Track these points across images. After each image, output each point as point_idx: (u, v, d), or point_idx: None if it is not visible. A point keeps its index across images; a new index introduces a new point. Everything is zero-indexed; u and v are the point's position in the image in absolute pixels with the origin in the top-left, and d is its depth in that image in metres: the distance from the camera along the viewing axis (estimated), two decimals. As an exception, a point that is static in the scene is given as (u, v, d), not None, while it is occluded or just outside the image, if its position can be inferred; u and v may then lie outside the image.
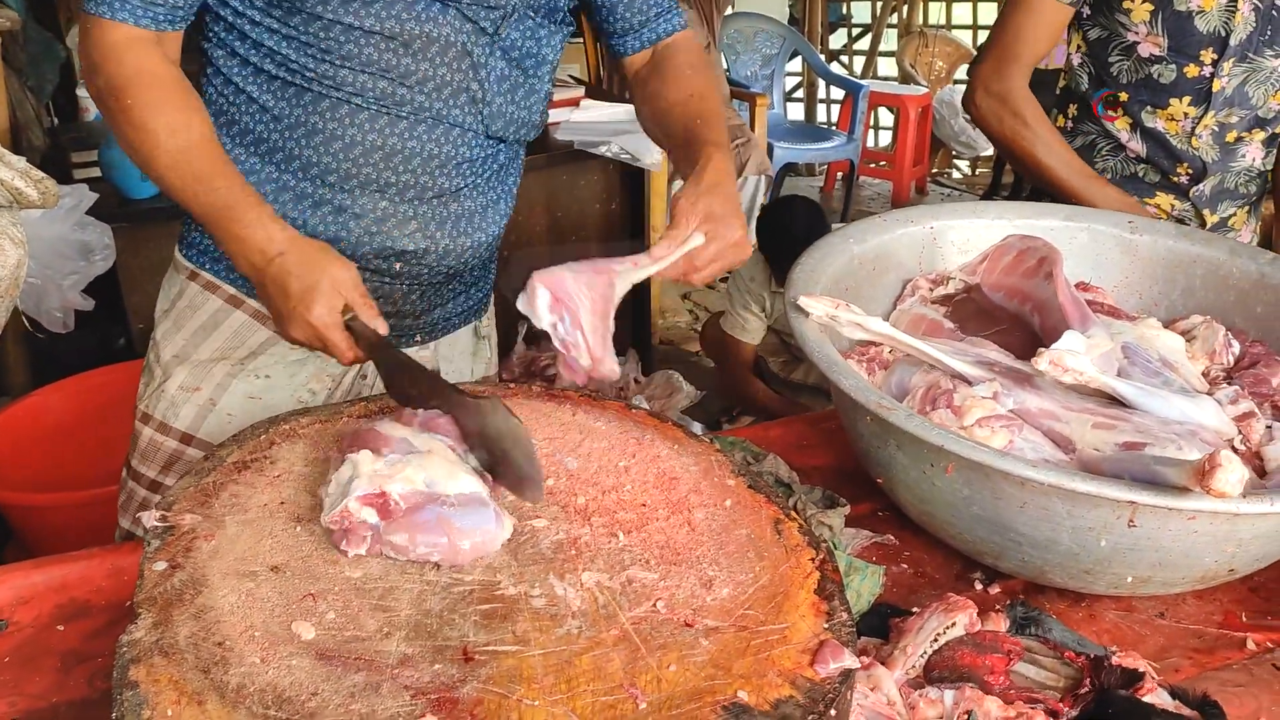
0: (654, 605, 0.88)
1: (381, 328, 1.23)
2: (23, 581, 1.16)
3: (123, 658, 0.79)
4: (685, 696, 0.78)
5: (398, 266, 1.45)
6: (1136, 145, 1.88)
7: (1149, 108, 1.84)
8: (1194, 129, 1.84)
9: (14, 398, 2.95)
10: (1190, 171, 1.88)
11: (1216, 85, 1.79)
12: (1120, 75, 1.84)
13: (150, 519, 0.96)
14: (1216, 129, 1.84)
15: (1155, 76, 1.80)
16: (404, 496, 0.94)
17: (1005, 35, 1.85)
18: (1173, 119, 1.83)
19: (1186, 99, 1.81)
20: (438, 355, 1.63)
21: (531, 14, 1.41)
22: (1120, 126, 1.89)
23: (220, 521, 0.96)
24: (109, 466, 2.81)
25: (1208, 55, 1.77)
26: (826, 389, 3.47)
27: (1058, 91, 2.00)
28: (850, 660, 0.82)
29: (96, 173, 2.99)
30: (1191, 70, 1.78)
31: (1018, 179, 6.81)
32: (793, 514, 1.02)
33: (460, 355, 1.69)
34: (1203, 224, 1.92)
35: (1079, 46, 1.89)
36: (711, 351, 3.98)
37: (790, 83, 7.61)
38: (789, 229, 3.50)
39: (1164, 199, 1.92)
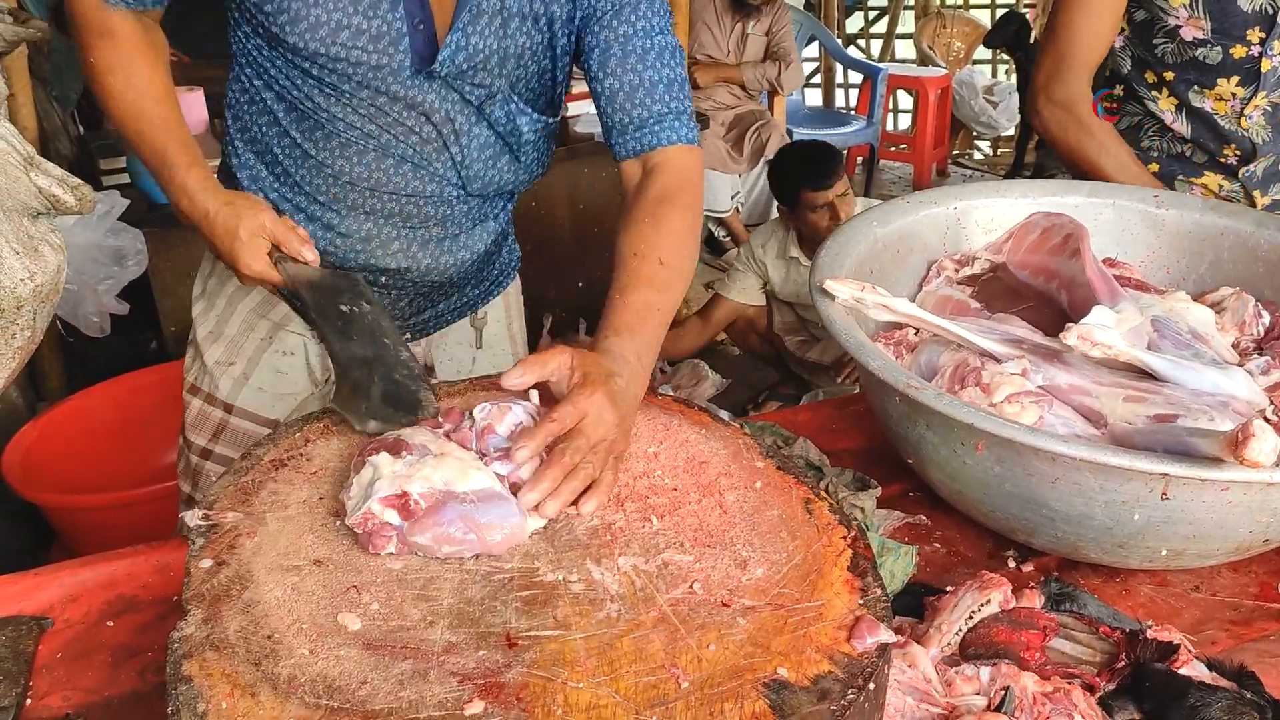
0: (691, 587, 0.89)
1: (311, 254, 1.29)
2: (71, 579, 1.19)
3: (175, 653, 0.81)
4: (726, 674, 0.79)
5: (384, 279, 1.50)
6: (1181, 126, 1.83)
7: (1196, 88, 1.79)
8: (1243, 109, 1.79)
9: (52, 402, 3.00)
10: (1239, 153, 1.83)
11: (1266, 65, 1.74)
12: (1165, 57, 1.78)
13: (193, 518, 0.98)
14: (1269, 109, 1.79)
15: (1201, 58, 1.75)
16: (423, 495, 0.95)
17: (1061, 37, 1.78)
18: (1221, 99, 1.78)
19: (1235, 79, 1.76)
20: (431, 352, 1.66)
21: (516, 98, 1.40)
22: (1165, 107, 1.83)
23: (261, 519, 0.98)
24: (147, 468, 2.87)
25: (1255, 35, 1.72)
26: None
27: (1106, 73, 1.95)
28: (886, 635, 0.83)
29: (125, 179, 3.04)
30: (1239, 51, 1.73)
31: (1040, 158, 6.77)
32: (823, 494, 1.03)
33: (455, 345, 1.70)
34: (1253, 206, 1.86)
35: (1122, 29, 1.84)
36: (731, 332, 3.97)
37: (808, 68, 7.57)
38: (808, 150, 3.57)
39: (1211, 179, 1.87)
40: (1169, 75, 1.80)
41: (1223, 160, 1.84)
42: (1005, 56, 7.50)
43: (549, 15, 1.34)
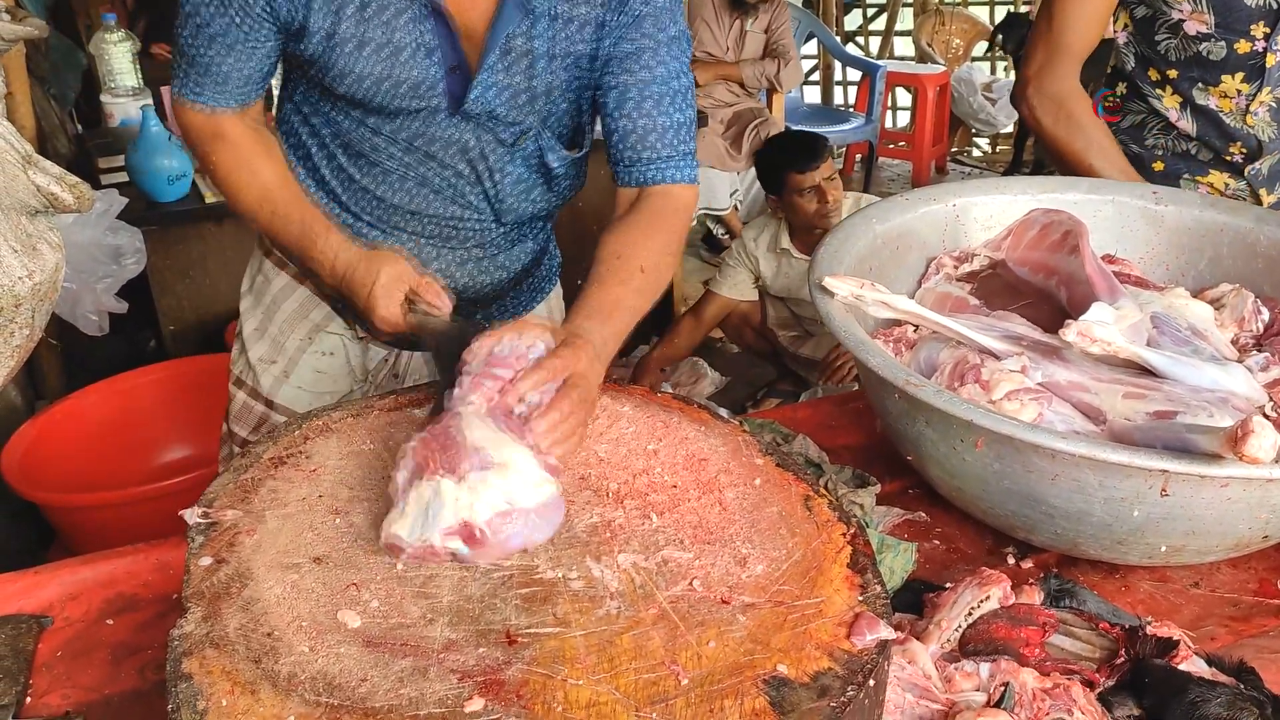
0: (690, 584, 0.89)
1: (444, 304, 1.32)
2: (71, 578, 1.19)
3: (175, 651, 0.81)
4: (726, 671, 0.79)
5: None
6: (1186, 124, 1.81)
7: (1200, 85, 1.77)
8: (1249, 105, 1.77)
9: (50, 401, 3.00)
10: (1244, 150, 1.81)
11: (1270, 60, 1.72)
12: (1168, 53, 1.77)
13: (192, 516, 0.98)
14: (1274, 105, 1.77)
15: (1205, 54, 1.73)
16: (489, 524, 0.92)
17: (1052, 27, 1.77)
18: (1226, 96, 1.76)
19: (1239, 75, 1.74)
20: None
21: (548, 133, 1.43)
22: (1169, 105, 1.81)
23: (261, 516, 0.98)
24: (146, 466, 2.87)
25: (1259, 29, 1.70)
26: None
27: (1109, 70, 1.93)
28: (886, 631, 0.83)
29: (123, 177, 3.03)
30: (1243, 46, 1.71)
31: (1039, 156, 6.76)
32: (822, 490, 1.03)
33: None
34: (1259, 204, 1.84)
35: (1125, 25, 1.83)
36: (726, 329, 3.96)
37: (806, 66, 7.57)
38: (780, 138, 3.66)
39: (1217, 177, 1.85)
40: (1173, 73, 1.79)
41: (1228, 158, 1.83)
42: (1003, 54, 7.50)
43: (574, 54, 1.37)
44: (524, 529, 0.93)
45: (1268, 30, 1.70)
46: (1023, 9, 7.51)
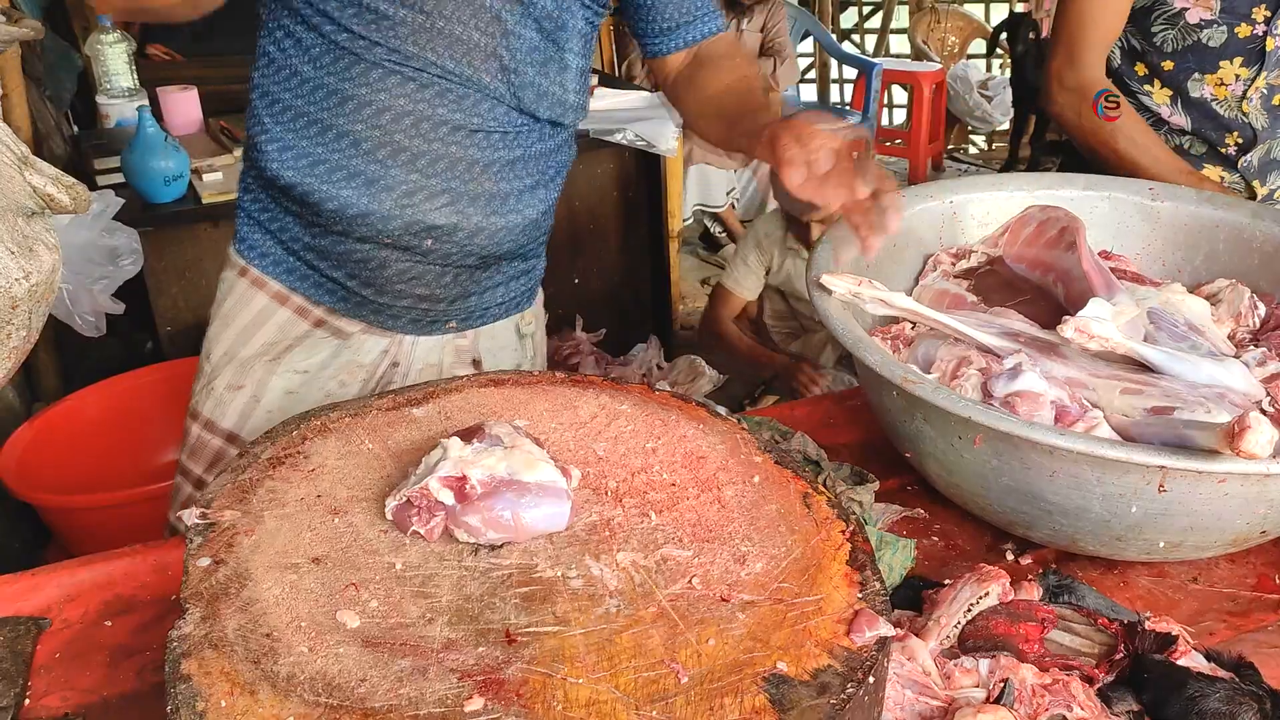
0: (689, 582, 0.89)
1: None
2: (69, 580, 1.19)
3: (174, 652, 0.81)
4: (725, 669, 0.79)
5: (428, 243, 1.45)
6: (1180, 119, 1.81)
7: (1196, 75, 1.76)
8: (1245, 92, 1.76)
9: (47, 402, 3.00)
10: (1240, 141, 1.81)
11: (1270, 44, 1.72)
12: (1164, 44, 1.76)
13: (191, 516, 0.98)
14: (1266, 91, 1.77)
15: (1204, 41, 1.73)
16: (481, 482, 0.95)
17: (1070, 23, 1.77)
18: (1222, 84, 1.76)
19: (1238, 60, 1.73)
20: (478, 345, 1.64)
21: None
22: (1159, 100, 1.81)
23: (259, 517, 0.98)
24: (142, 468, 2.87)
25: (1260, 13, 1.70)
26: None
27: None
28: (886, 628, 0.83)
29: (119, 179, 3.03)
30: (1243, 30, 1.71)
31: (1035, 152, 6.77)
32: (821, 488, 1.03)
33: (503, 350, 1.68)
34: (1252, 196, 1.84)
35: None
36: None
37: (802, 64, 7.57)
38: None
39: (1212, 171, 1.85)
40: (1167, 65, 1.78)
41: (1223, 150, 1.82)
42: (1000, 51, 7.50)
43: None
44: (515, 504, 0.93)
45: (1269, 13, 1.69)
46: (1019, 7, 7.52)
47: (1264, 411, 1.21)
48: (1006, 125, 7.42)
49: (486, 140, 1.42)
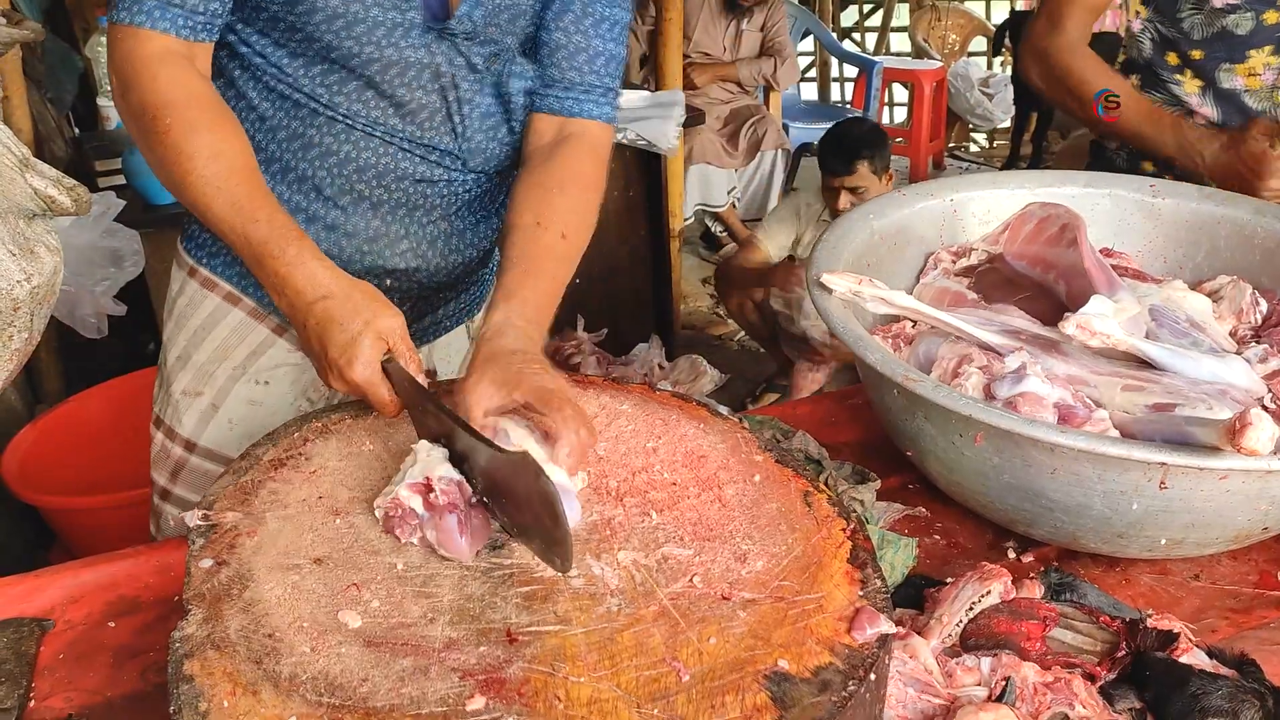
0: (690, 580, 0.89)
1: (420, 379, 1.11)
2: (72, 581, 1.19)
3: (176, 653, 0.81)
4: (727, 667, 0.79)
5: (389, 283, 1.44)
6: (1208, 109, 1.79)
7: (1226, 64, 1.74)
8: (1275, 81, 1.74)
9: (49, 404, 3.00)
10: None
11: None
12: (1193, 30, 1.74)
13: (193, 518, 0.98)
14: None
15: (1232, 28, 1.70)
16: (444, 491, 0.95)
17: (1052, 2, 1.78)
18: (1253, 74, 1.73)
19: (1268, 48, 1.71)
20: (433, 357, 1.63)
21: (521, 59, 1.39)
22: (1190, 90, 1.79)
23: (261, 518, 0.98)
24: (145, 469, 2.86)
25: None
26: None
27: (1118, 65, 1.91)
28: (886, 625, 0.83)
29: (120, 180, 3.03)
30: (1271, 16, 1.69)
31: (1037, 149, 6.77)
32: (822, 486, 1.03)
33: (457, 355, 1.67)
34: None
35: (1137, 12, 1.81)
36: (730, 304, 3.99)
37: (803, 62, 7.57)
38: (847, 131, 3.70)
39: None
40: (1196, 54, 1.75)
41: None
42: (1004, 50, 7.50)
43: None
44: (461, 519, 0.93)
45: None
46: (1020, 5, 7.51)
47: (1265, 408, 1.21)
48: (1007, 123, 7.42)
49: (448, 188, 1.43)
